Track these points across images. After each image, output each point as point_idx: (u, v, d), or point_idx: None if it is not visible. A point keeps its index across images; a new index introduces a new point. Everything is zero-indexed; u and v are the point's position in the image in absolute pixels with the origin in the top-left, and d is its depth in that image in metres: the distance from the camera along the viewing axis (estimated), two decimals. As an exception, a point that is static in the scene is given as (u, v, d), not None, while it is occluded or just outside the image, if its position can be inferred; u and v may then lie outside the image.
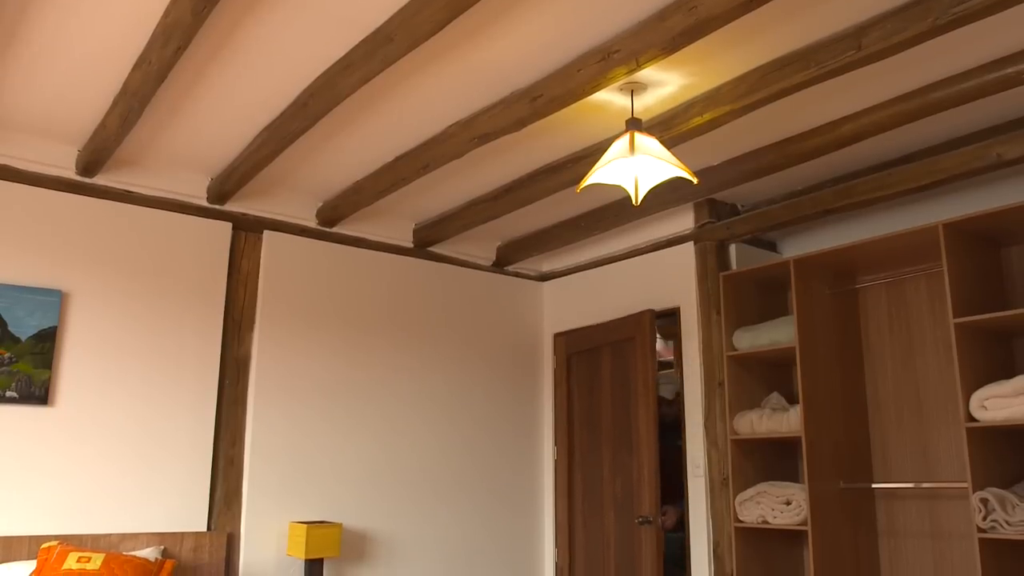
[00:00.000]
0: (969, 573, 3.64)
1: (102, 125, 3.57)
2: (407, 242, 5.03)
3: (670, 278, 4.73)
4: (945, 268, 3.46)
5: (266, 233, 4.49)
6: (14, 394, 3.65)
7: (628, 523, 4.60)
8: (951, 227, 3.50)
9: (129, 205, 4.09)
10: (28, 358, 3.70)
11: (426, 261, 5.11)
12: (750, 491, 4.08)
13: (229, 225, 4.37)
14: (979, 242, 3.65)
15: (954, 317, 3.41)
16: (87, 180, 3.99)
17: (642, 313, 4.69)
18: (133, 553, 3.61)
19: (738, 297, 4.38)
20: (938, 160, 3.63)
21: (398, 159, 3.96)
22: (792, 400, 4.16)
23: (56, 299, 3.79)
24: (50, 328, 3.76)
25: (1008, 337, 3.65)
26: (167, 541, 3.89)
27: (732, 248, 4.56)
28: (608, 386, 4.91)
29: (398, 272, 4.97)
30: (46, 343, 3.74)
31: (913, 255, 3.88)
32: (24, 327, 3.70)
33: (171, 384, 4.08)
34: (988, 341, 3.54)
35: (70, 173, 3.94)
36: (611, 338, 4.89)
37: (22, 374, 3.68)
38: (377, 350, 4.78)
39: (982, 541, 3.23)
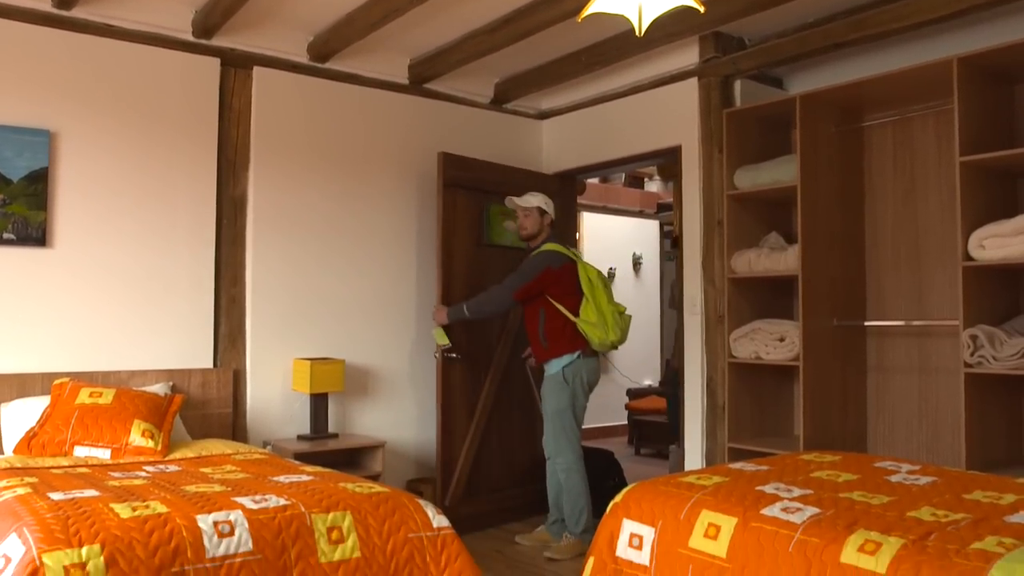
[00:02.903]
0: (952, 405, 3.77)
1: (74, -49, 3.37)
2: (402, 79, 4.87)
3: (672, 115, 4.62)
4: (956, 105, 3.37)
5: (256, 69, 4.33)
6: (11, 236, 3.64)
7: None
8: (966, 61, 3.38)
9: (112, 40, 3.93)
10: (22, 200, 3.66)
11: (422, 98, 4.97)
12: (745, 328, 4.16)
13: (217, 61, 4.21)
14: (993, 78, 3.53)
15: (960, 155, 3.35)
16: (64, 13, 3.80)
17: (439, 154, 4.63)
18: (143, 388, 3.73)
19: (741, 135, 4.29)
20: (959, -12, 3.45)
21: (390, -12, 3.76)
22: (790, 240, 4.17)
23: (44, 139, 3.71)
24: (41, 169, 3.70)
25: (1013, 177, 3.61)
26: (175, 377, 4.00)
27: (737, 84, 4.42)
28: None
29: (393, 110, 4.84)
30: (38, 184, 3.69)
31: (923, 92, 3.77)
32: (14, 168, 3.64)
33: (168, 224, 4.07)
34: (992, 181, 3.50)
35: (46, 5, 3.75)
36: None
37: (17, 216, 3.65)
38: (373, 189, 4.74)
39: (968, 376, 3.33)
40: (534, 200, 4.33)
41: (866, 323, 4.10)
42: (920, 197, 3.98)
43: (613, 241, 8.52)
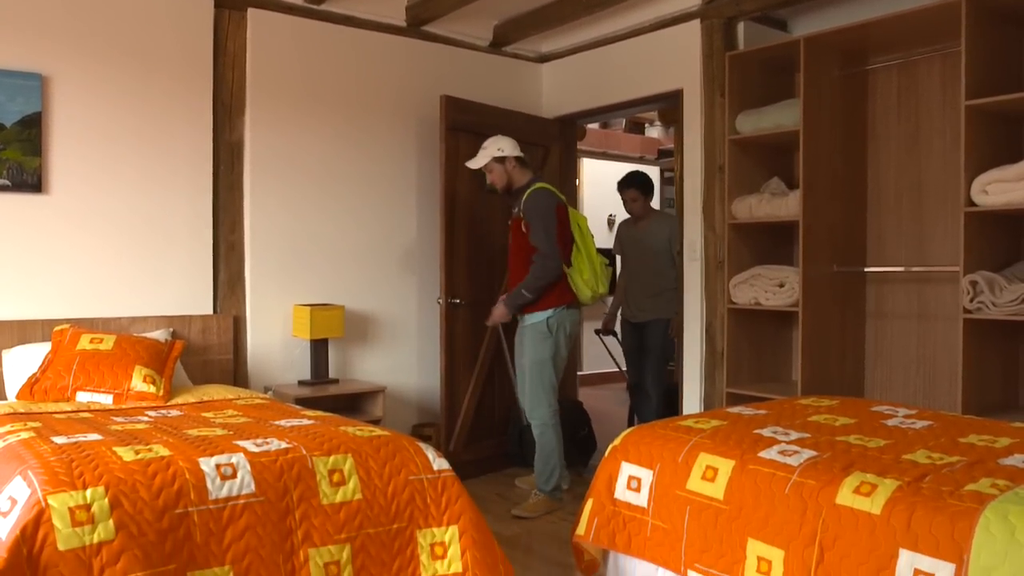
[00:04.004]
0: (950, 351, 3.79)
1: None
2: (399, 20, 4.78)
3: (674, 59, 4.55)
4: (963, 47, 3.32)
5: (250, 11, 4.25)
6: (6, 182, 3.61)
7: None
8: (975, 2, 3.31)
9: (102, -20, 3.85)
10: (16, 145, 3.62)
11: (420, 41, 4.89)
12: (744, 274, 4.15)
13: (211, 2, 4.13)
14: (1002, 19, 3.46)
15: (967, 99, 3.31)
16: (54, -49, 3.72)
17: (442, 97, 4.57)
18: (143, 335, 3.74)
19: (744, 79, 4.23)
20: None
21: (386, -74, 3.67)
22: (792, 185, 4.14)
23: (37, 83, 3.66)
24: (34, 113, 3.65)
25: (1020, 121, 3.56)
26: (175, 324, 4.01)
27: (740, 27, 4.35)
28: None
29: (390, 53, 4.77)
30: (32, 129, 3.65)
31: (930, 34, 3.71)
32: (8, 113, 3.59)
33: (165, 171, 4.03)
34: (997, 125, 3.46)
35: (34, -57, 3.67)
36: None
37: (12, 161, 3.62)
38: (372, 133, 4.69)
39: (967, 321, 3.34)
40: (484, 155, 4.06)
41: (866, 269, 4.09)
42: (924, 142, 3.94)
43: (613, 187, 8.44)
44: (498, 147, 4.04)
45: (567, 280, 3.97)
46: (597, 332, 5.90)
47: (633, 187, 5.13)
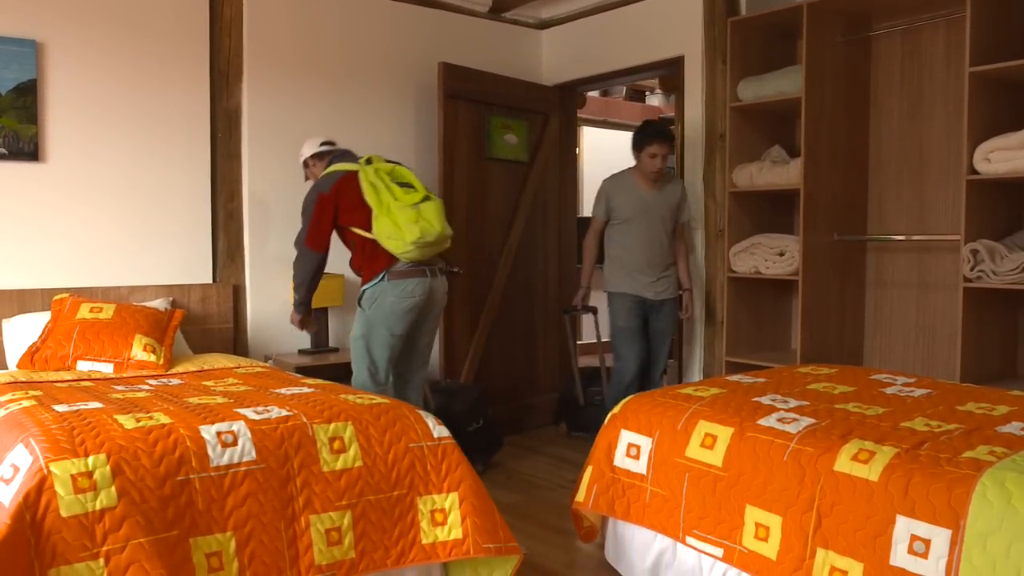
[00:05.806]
0: (949, 320, 3.79)
1: None
2: (398, -15, 4.74)
3: (675, 25, 4.50)
4: (968, 13, 3.28)
5: (246, -24, 4.21)
6: (3, 150, 3.58)
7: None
8: (980, -34, 3.27)
9: (95, -56, 3.80)
10: (11, 113, 3.59)
11: (419, 7, 4.83)
12: (745, 243, 4.14)
13: (206, -33, 4.09)
14: (1007, -17, 3.43)
15: (970, 66, 3.28)
16: (46, -85, 3.66)
17: (440, 64, 4.53)
18: (143, 304, 3.73)
19: (745, 45, 4.18)
20: None
21: None
22: (793, 153, 4.12)
23: (31, 50, 3.62)
24: (29, 81, 3.62)
25: (1023, 88, 3.53)
26: (175, 293, 4.01)
27: (743, -9, 4.30)
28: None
29: (389, 19, 4.71)
30: (27, 97, 3.62)
31: (935, -1, 3.67)
32: (2, 80, 3.56)
33: (162, 139, 4.01)
34: (1001, 93, 3.43)
35: (26, -93, 3.61)
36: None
37: (8, 129, 3.59)
38: (369, 100, 4.65)
39: (966, 290, 3.33)
40: (302, 166, 3.85)
41: (867, 238, 4.08)
42: (927, 110, 3.91)
43: (613, 156, 8.42)
44: (300, 153, 3.84)
45: (379, 247, 3.45)
46: (566, 311, 4.83)
47: (667, 140, 4.07)
